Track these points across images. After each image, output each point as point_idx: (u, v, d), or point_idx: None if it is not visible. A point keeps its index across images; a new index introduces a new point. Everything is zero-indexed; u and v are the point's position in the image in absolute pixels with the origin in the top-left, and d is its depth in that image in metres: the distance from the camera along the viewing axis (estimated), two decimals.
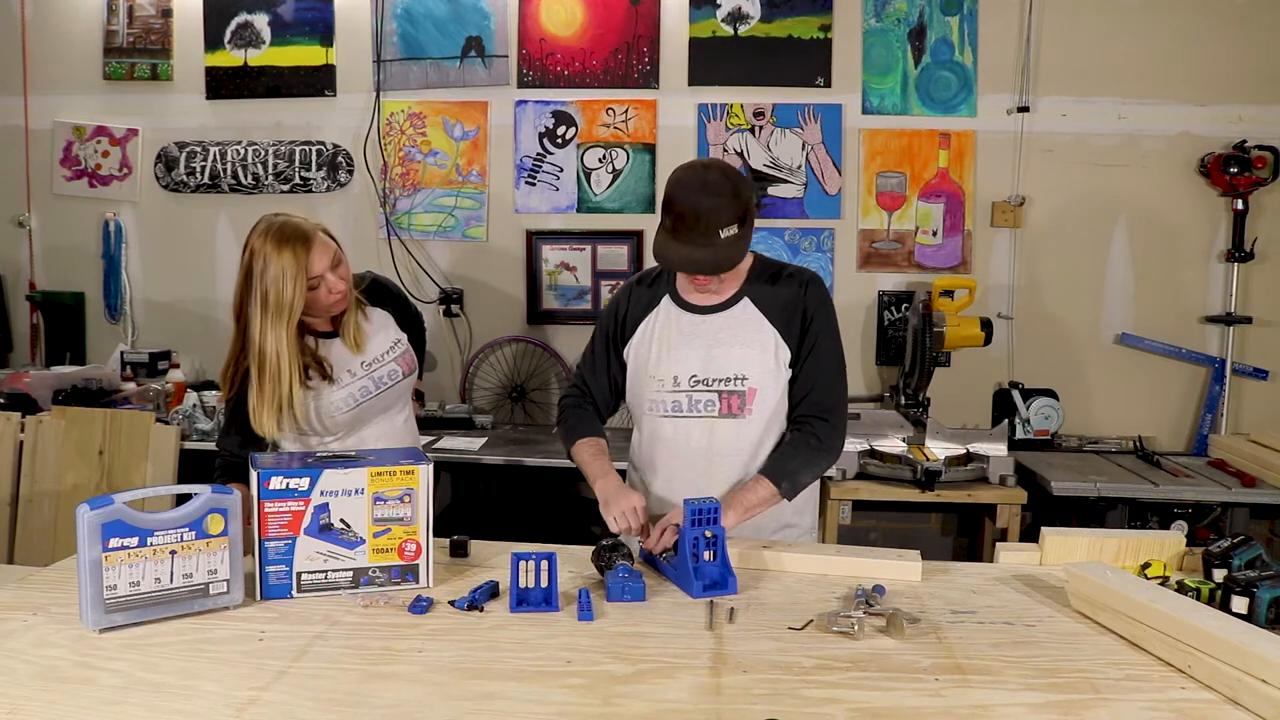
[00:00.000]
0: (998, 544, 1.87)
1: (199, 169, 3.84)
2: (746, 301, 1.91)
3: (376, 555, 1.60)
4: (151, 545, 1.44)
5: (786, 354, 1.90)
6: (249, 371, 1.88)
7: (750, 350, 1.89)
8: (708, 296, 1.92)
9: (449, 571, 1.70)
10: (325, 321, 2.00)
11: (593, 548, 1.69)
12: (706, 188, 1.76)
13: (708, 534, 1.65)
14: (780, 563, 1.74)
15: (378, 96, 3.72)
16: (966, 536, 3.63)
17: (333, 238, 1.92)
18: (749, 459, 1.92)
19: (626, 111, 3.65)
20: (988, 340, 3.37)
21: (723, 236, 1.76)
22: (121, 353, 3.79)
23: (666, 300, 1.96)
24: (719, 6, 3.59)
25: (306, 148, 3.79)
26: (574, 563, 1.73)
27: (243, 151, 3.81)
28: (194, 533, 1.47)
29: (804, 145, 3.61)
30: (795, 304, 1.90)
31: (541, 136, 3.70)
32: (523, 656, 1.36)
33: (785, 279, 1.93)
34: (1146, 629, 1.37)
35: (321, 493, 1.56)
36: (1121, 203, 3.54)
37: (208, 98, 3.80)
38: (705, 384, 1.89)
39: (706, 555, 1.65)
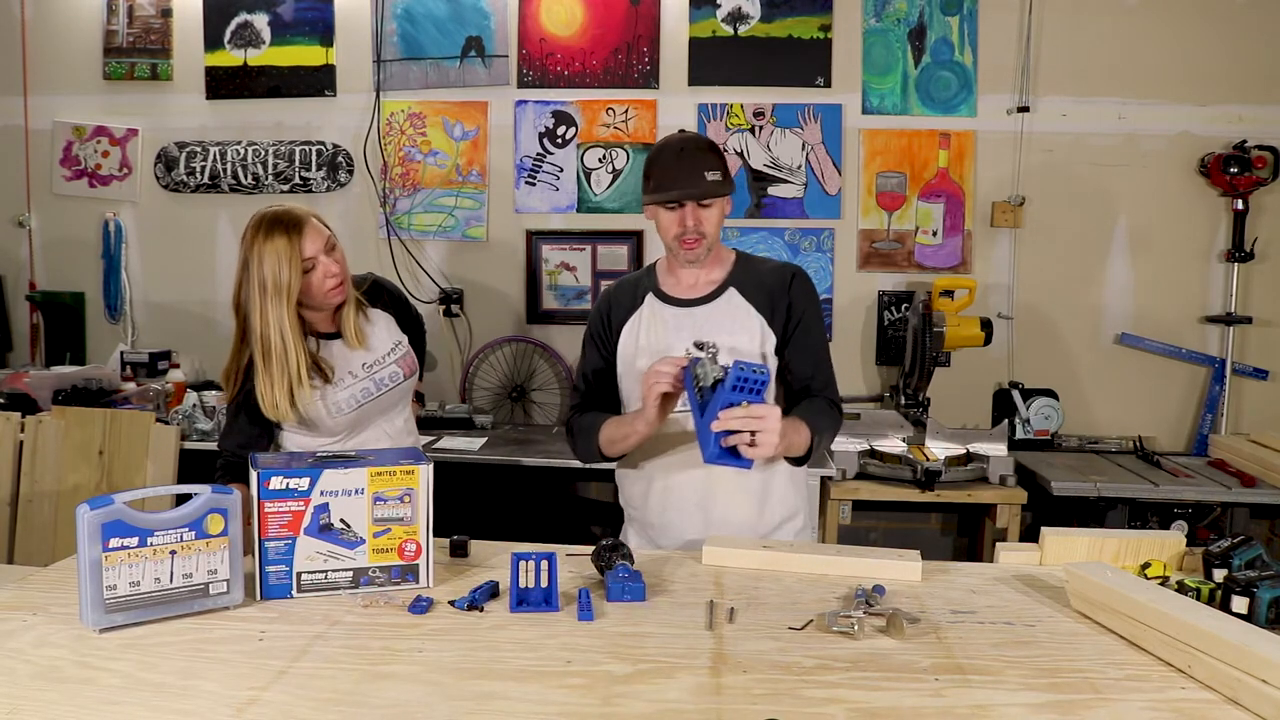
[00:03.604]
0: (998, 544, 1.87)
1: (199, 169, 3.84)
2: (732, 291, 1.92)
3: (376, 555, 1.60)
4: (151, 545, 1.44)
5: (773, 340, 1.90)
6: (250, 368, 1.88)
7: (739, 337, 1.89)
8: (695, 279, 1.92)
9: (449, 571, 1.70)
10: (326, 322, 2.00)
11: (592, 548, 1.69)
12: (684, 140, 1.88)
13: (745, 404, 1.59)
14: (780, 563, 1.74)
15: (378, 96, 3.72)
16: (966, 536, 3.63)
17: (326, 226, 1.93)
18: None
19: (626, 111, 3.65)
20: (988, 340, 3.37)
21: (708, 178, 1.83)
22: (121, 353, 3.79)
23: (650, 298, 1.96)
24: (719, 6, 3.59)
25: (306, 148, 3.79)
26: (574, 563, 1.73)
27: (243, 151, 3.81)
28: (194, 533, 1.47)
29: (804, 145, 3.60)
30: (780, 292, 1.91)
31: (541, 136, 3.70)
32: (523, 656, 1.36)
33: (769, 270, 1.95)
34: (1146, 629, 1.37)
35: (321, 493, 1.56)
36: (1121, 203, 3.54)
37: (208, 98, 3.80)
38: None
39: None
